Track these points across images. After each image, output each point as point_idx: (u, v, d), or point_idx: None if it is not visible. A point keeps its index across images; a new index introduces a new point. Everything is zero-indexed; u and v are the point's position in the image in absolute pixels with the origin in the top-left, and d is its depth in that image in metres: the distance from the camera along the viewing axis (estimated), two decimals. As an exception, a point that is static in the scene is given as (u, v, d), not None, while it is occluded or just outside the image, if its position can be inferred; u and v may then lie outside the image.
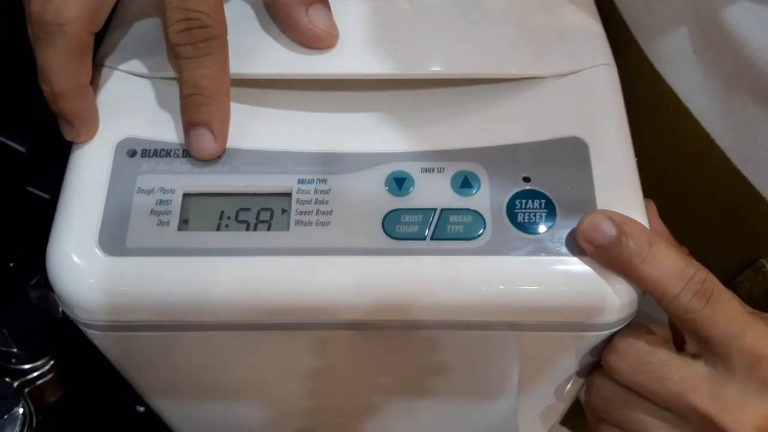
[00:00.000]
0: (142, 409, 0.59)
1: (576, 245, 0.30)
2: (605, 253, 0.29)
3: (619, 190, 0.31)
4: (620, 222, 0.29)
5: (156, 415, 0.44)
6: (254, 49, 0.32)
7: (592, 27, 0.35)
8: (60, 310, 0.58)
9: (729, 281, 0.38)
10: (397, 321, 0.30)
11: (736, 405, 0.30)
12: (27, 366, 0.54)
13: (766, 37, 0.30)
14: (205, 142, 0.31)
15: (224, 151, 0.32)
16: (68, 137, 0.32)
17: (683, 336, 0.32)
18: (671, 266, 0.29)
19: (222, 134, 0.32)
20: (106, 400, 0.60)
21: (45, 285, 0.59)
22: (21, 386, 0.54)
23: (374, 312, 0.30)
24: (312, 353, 0.34)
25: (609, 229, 0.29)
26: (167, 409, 0.40)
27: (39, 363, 0.55)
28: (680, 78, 0.36)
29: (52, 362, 0.55)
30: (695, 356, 0.31)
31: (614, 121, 0.33)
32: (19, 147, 0.61)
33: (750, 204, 0.35)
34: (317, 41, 0.31)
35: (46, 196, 0.62)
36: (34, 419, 0.52)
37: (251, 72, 0.32)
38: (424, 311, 0.30)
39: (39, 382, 0.55)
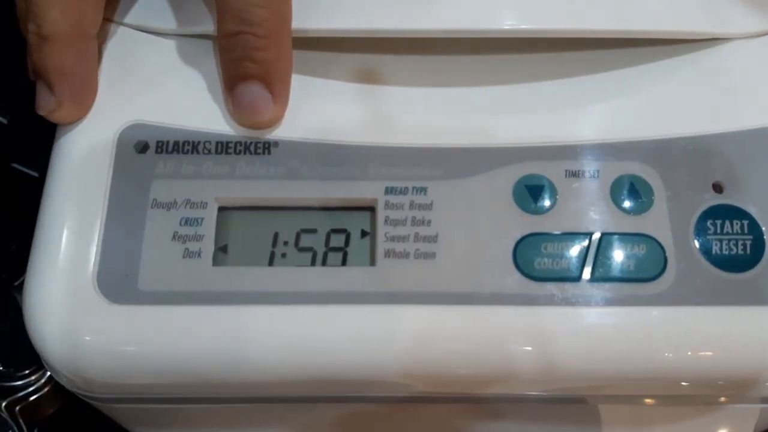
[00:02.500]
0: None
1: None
2: None
3: None
4: None
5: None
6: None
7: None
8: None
9: None
10: (543, 397, 0.21)
11: None
12: (18, 382, 0.46)
13: None
14: (260, 102, 0.21)
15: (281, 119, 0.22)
16: (43, 110, 0.22)
17: None
18: None
19: (281, 94, 0.22)
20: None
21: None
22: (11, 404, 0.45)
23: (509, 384, 0.21)
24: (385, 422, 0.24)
25: None
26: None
27: (32, 378, 0.46)
28: None
29: (48, 374, 0.46)
30: None
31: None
32: None
33: None
34: None
35: (34, 173, 0.53)
36: (29, 439, 0.44)
37: (316, 27, 0.22)
38: (583, 382, 0.20)
39: (33, 397, 0.47)
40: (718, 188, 0.22)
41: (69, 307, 0.20)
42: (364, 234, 0.21)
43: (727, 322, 0.20)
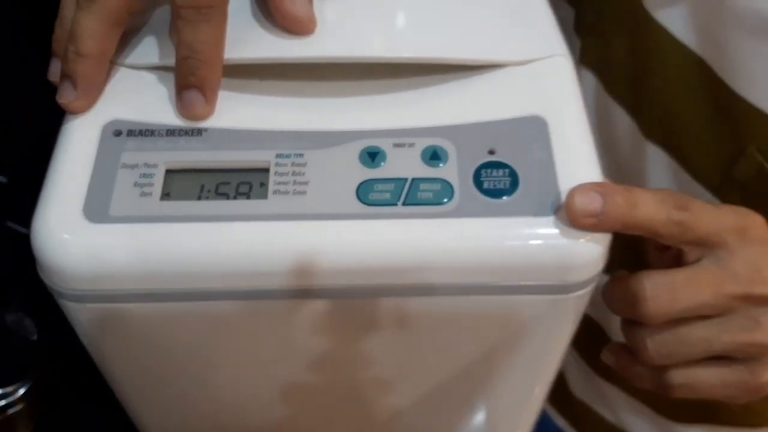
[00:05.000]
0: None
1: (539, 208, 0.32)
2: (604, 219, 0.31)
3: (576, 160, 0.33)
4: (598, 188, 0.31)
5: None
6: (238, 36, 0.35)
7: (549, 23, 0.38)
8: (35, 332, 0.58)
9: (727, 171, 0.45)
10: (370, 285, 0.32)
11: (753, 272, 0.34)
12: (-3, 392, 0.53)
13: None
14: (197, 103, 0.33)
15: (211, 113, 0.34)
16: (64, 99, 0.33)
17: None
18: (651, 199, 0.32)
19: (212, 98, 0.34)
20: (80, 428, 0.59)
21: (21, 309, 0.58)
22: (-12, 417, 0.52)
23: (348, 274, 0.31)
24: (284, 325, 0.34)
25: (596, 201, 0.31)
26: (137, 402, 0.40)
27: (9, 389, 0.54)
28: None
29: (22, 390, 0.54)
30: (699, 260, 0.34)
31: (571, 102, 0.35)
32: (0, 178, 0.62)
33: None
34: (297, 24, 0.34)
35: (25, 231, 0.62)
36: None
37: (233, 57, 0.34)
38: (396, 272, 0.31)
39: (10, 411, 0.54)
40: (492, 152, 0.33)
41: (64, 226, 0.31)
42: (262, 185, 0.33)
43: (492, 227, 0.31)
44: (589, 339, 0.52)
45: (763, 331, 0.34)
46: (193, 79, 0.33)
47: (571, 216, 0.31)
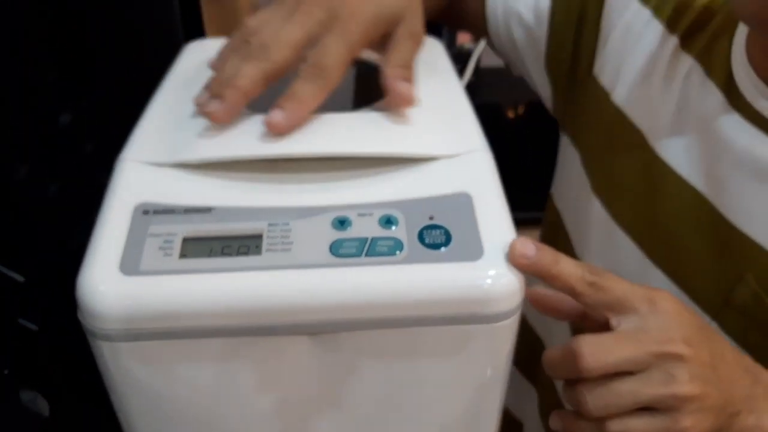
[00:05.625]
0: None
1: (467, 256, 0.42)
2: (534, 262, 0.41)
3: (493, 222, 0.44)
4: (534, 242, 0.42)
5: None
6: (243, 137, 0.46)
7: (473, 126, 0.50)
8: (48, 409, 0.64)
9: (725, 296, 0.52)
10: (341, 319, 0.41)
11: (663, 333, 0.41)
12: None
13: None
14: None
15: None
16: (209, 109, 0.45)
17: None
18: (572, 261, 0.43)
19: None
20: (80, 428, 0.64)
21: (34, 388, 0.65)
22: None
23: (323, 311, 0.41)
24: (275, 356, 0.43)
25: (530, 248, 0.42)
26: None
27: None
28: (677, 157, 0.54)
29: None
30: (618, 325, 0.43)
31: (489, 183, 0.47)
32: (17, 277, 0.70)
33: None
34: (402, 100, 0.47)
35: (34, 327, 0.70)
36: None
37: (234, 154, 0.45)
38: (361, 308, 0.41)
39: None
40: (431, 218, 0.44)
41: (104, 278, 0.40)
42: (257, 246, 0.43)
43: (432, 270, 0.41)
44: None
45: (678, 384, 0.42)
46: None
47: (510, 255, 0.42)
